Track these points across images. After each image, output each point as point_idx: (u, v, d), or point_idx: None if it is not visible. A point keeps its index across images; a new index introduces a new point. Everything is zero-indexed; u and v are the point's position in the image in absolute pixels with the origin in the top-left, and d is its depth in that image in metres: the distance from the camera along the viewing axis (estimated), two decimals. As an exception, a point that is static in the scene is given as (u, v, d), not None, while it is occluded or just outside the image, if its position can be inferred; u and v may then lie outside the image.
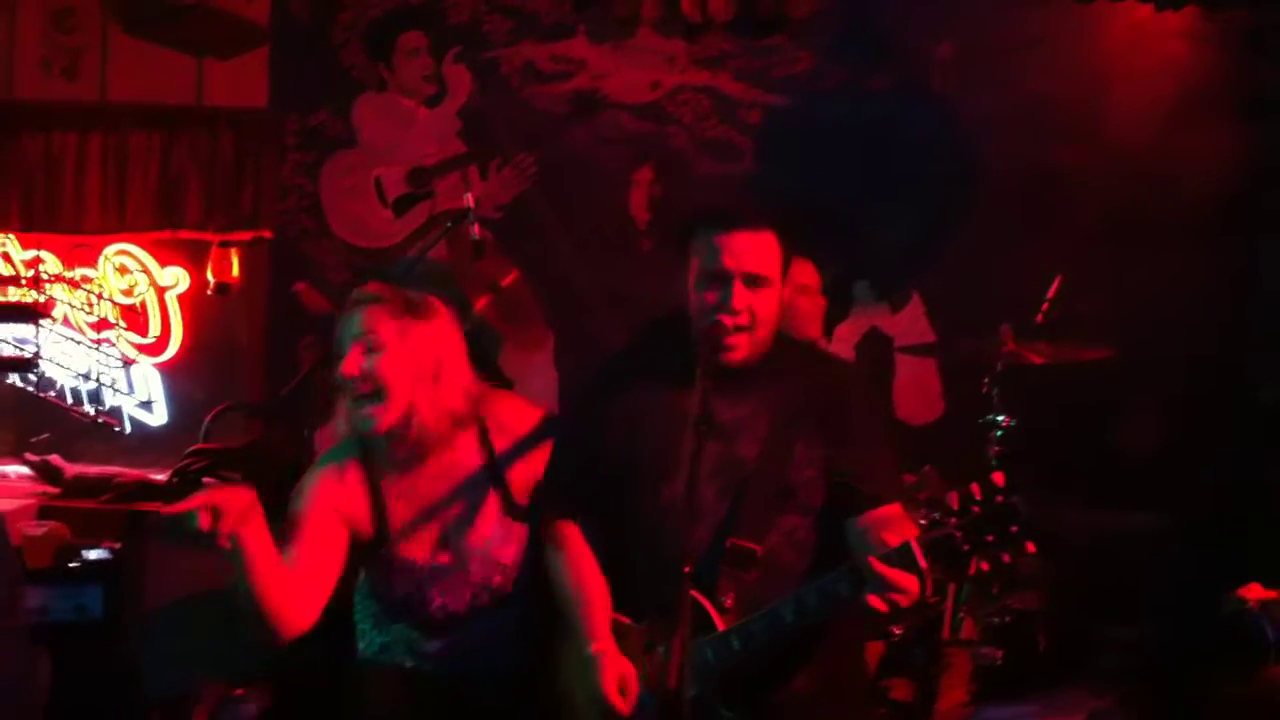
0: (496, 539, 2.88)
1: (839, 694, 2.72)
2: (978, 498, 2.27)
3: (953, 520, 2.29)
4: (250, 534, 2.50)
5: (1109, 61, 5.32)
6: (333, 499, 2.81)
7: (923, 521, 2.35)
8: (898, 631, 4.11)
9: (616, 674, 2.54)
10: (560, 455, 2.85)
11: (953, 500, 2.29)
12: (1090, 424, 4.86)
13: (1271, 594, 2.05)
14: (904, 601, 2.34)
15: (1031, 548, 2.25)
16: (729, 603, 2.54)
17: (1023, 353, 4.28)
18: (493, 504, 2.89)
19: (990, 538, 2.27)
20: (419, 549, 2.87)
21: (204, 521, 2.41)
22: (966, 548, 2.28)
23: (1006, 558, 2.26)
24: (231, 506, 2.44)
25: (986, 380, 4.27)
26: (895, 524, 2.50)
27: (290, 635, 2.67)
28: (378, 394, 2.74)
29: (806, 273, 4.37)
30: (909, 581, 2.32)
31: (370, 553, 2.88)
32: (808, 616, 2.46)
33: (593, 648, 2.60)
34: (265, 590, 2.57)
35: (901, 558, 2.32)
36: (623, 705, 2.52)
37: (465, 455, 2.89)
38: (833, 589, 2.43)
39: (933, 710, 4.09)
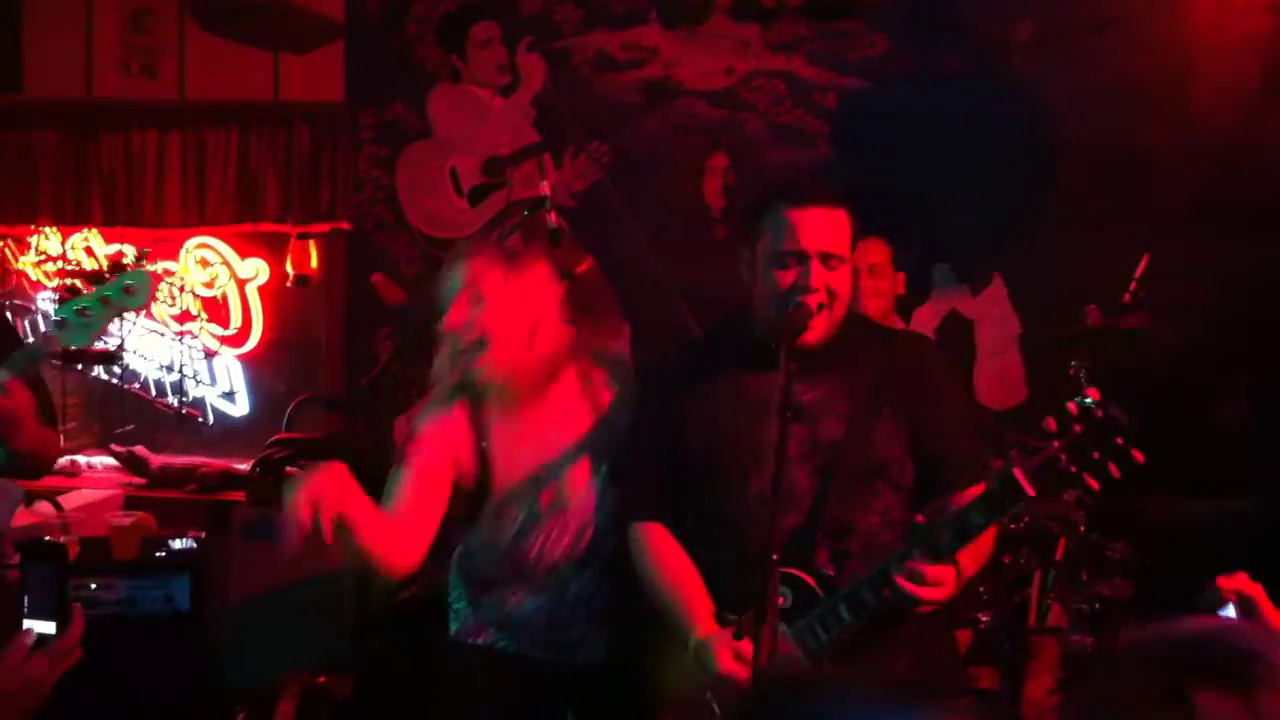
0: (594, 491, 2.88)
1: (934, 681, 2.66)
2: (1075, 415, 2.18)
3: (1055, 444, 2.21)
4: (351, 508, 2.51)
5: (1192, 39, 5.20)
6: (441, 441, 2.85)
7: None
8: (984, 619, 4.06)
9: (730, 650, 2.48)
10: (640, 455, 2.80)
11: (1050, 424, 2.21)
12: (1179, 409, 4.75)
13: (1256, 587, 1.90)
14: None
15: (1140, 457, 2.15)
16: (831, 572, 2.50)
17: (1109, 334, 4.21)
18: (592, 456, 2.88)
19: (1096, 454, 2.17)
20: (520, 493, 2.88)
21: (306, 517, 2.42)
22: (1074, 469, 2.18)
23: (1115, 471, 2.17)
24: (328, 493, 2.46)
25: (1074, 363, 4.19)
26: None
27: (402, 574, 2.74)
28: (481, 343, 2.77)
29: (878, 250, 4.33)
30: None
31: (473, 501, 2.89)
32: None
33: (699, 634, 2.53)
34: (374, 546, 2.62)
35: (1006, 488, 2.25)
36: (745, 673, 2.45)
37: (571, 404, 2.91)
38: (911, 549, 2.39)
39: (1020, 698, 4.04)
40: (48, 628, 1.93)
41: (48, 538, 4.18)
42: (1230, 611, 1.67)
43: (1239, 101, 5.08)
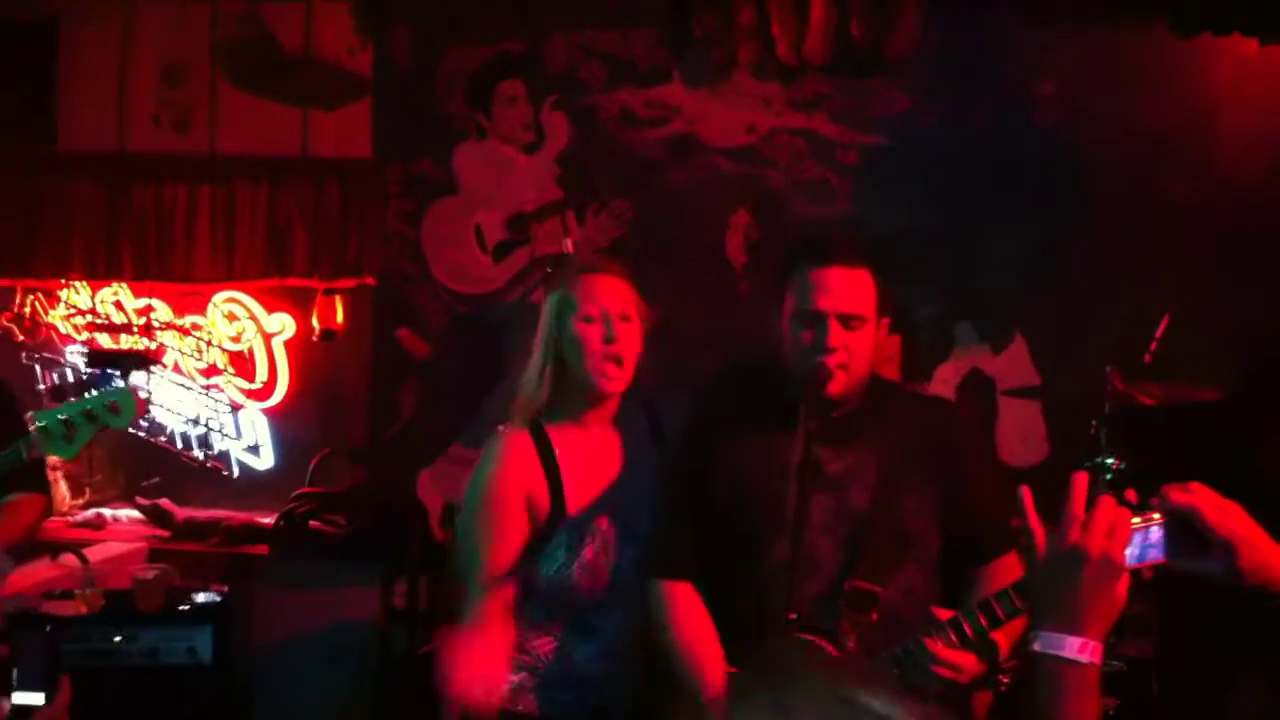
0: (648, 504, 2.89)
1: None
2: None
3: None
4: None
5: (1215, 95, 5.22)
6: (519, 476, 2.88)
7: None
8: (1005, 681, 4.02)
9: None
10: (670, 510, 2.78)
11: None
12: (1203, 464, 4.72)
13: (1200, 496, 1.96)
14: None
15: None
16: (851, 645, 2.49)
17: (1131, 394, 4.20)
18: (650, 473, 2.90)
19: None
20: (590, 514, 2.90)
21: None
22: None
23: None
24: None
25: (1094, 422, 4.18)
26: (1010, 573, 2.47)
27: (490, 585, 2.85)
28: (619, 361, 2.88)
29: None
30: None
31: (545, 529, 2.89)
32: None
33: (705, 698, 2.52)
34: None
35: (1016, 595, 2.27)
36: None
37: (636, 423, 2.99)
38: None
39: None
40: (35, 699, 1.91)
41: (39, 608, 4.19)
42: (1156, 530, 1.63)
43: (1262, 155, 5.09)
